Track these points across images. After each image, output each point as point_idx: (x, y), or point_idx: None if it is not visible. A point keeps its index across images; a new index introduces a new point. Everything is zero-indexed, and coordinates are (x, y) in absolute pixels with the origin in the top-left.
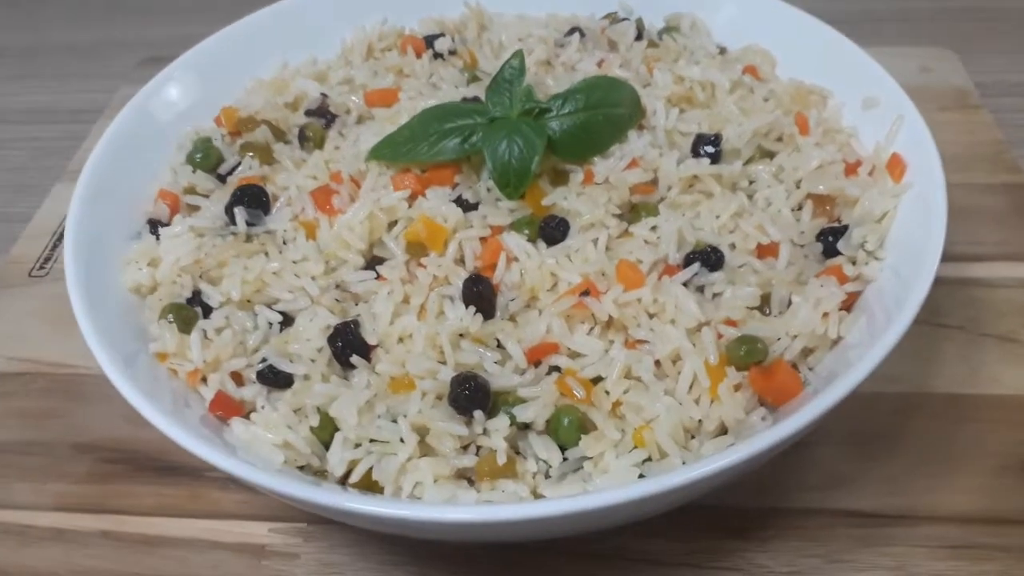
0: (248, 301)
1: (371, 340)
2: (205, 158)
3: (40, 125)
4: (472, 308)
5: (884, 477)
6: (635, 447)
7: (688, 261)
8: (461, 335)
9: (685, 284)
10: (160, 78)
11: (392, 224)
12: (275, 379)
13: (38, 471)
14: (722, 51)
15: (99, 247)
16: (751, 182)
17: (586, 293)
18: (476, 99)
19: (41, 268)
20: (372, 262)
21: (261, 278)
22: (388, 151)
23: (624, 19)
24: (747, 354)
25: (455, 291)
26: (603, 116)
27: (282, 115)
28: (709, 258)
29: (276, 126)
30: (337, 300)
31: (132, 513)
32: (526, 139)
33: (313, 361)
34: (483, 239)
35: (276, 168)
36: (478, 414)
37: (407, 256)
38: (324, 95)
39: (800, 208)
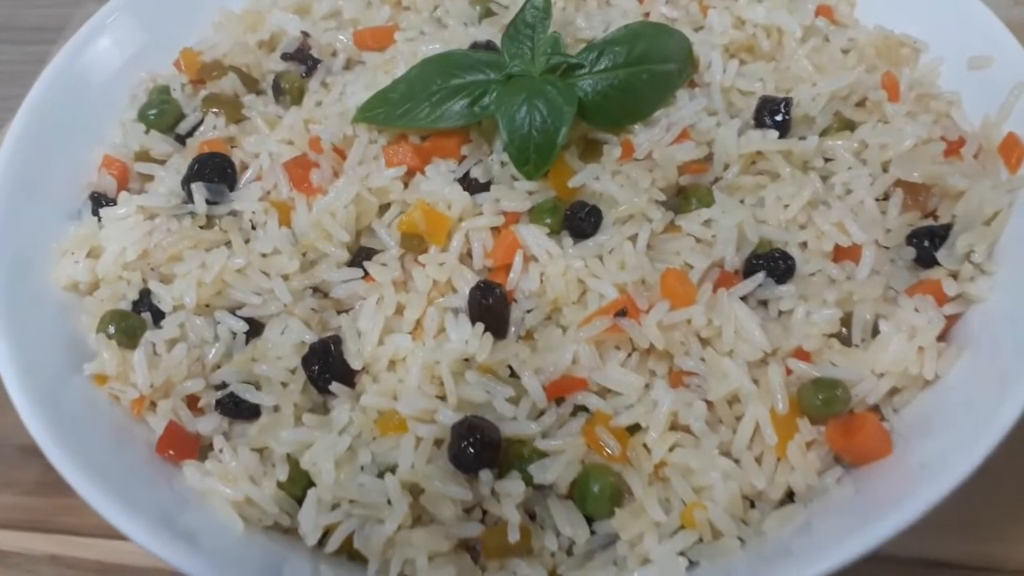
0: (207, 305)
1: (355, 363)
2: (160, 115)
3: None
4: (480, 326)
5: (970, 519)
6: (682, 527)
7: (750, 267)
8: (466, 360)
9: (744, 298)
10: (108, 9)
11: (384, 207)
12: (238, 410)
13: None
14: None
15: (28, 230)
16: (827, 160)
17: (623, 312)
18: (490, 45)
19: None
20: (358, 255)
21: (222, 277)
22: (380, 112)
23: None
24: (825, 404)
25: (460, 301)
26: (648, 74)
27: (254, 59)
28: (776, 266)
29: (247, 73)
30: (314, 310)
31: (85, 533)
32: (551, 104)
33: (284, 386)
34: (495, 230)
35: (245, 127)
36: (485, 474)
37: (401, 250)
38: (305, 34)
39: (886, 197)
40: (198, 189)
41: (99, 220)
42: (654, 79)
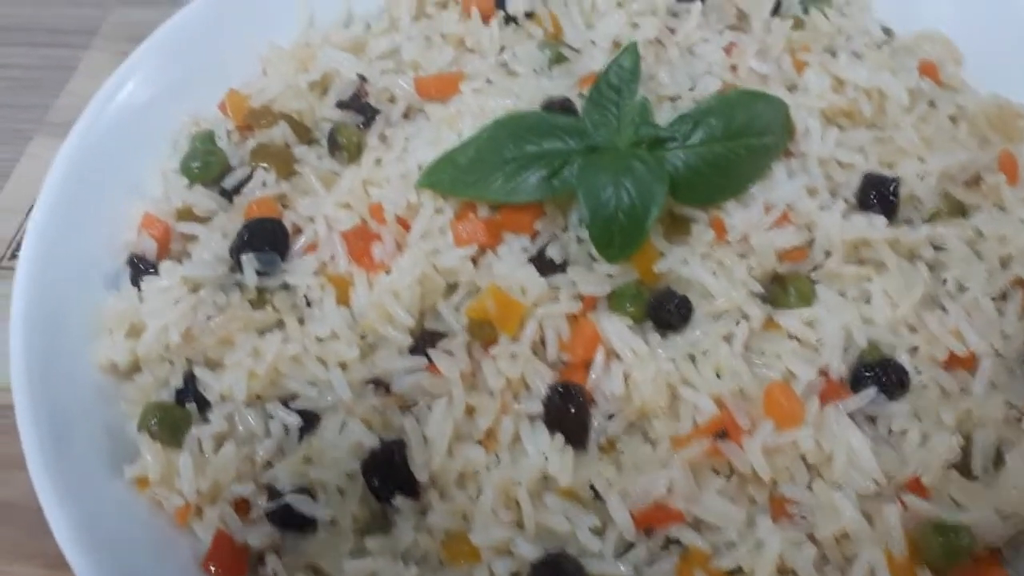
0: (258, 397)
1: (421, 475)
2: (205, 168)
3: (14, 48)
4: (560, 439)
5: None
6: None
7: (858, 377)
8: (545, 477)
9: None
10: (148, 47)
11: (451, 287)
12: (291, 521)
13: (1, 547)
14: (888, 35)
15: (61, 300)
16: (936, 248)
17: (723, 433)
18: (566, 105)
19: (14, 257)
20: (422, 339)
21: (275, 366)
22: (447, 178)
23: None
24: (947, 552)
25: (535, 403)
26: (746, 149)
27: (306, 104)
28: (889, 380)
29: (299, 121)
30: (375, 407)
31: None
32: (640, 183)
33: (341, 493)
34: (571, 316)
35: (297, 184)
36: None
37: (468, 336)
38: (362, 77)
39: (1003, 297)
40: (248, 261)
41: (139, 290)
42: (751, 153)
